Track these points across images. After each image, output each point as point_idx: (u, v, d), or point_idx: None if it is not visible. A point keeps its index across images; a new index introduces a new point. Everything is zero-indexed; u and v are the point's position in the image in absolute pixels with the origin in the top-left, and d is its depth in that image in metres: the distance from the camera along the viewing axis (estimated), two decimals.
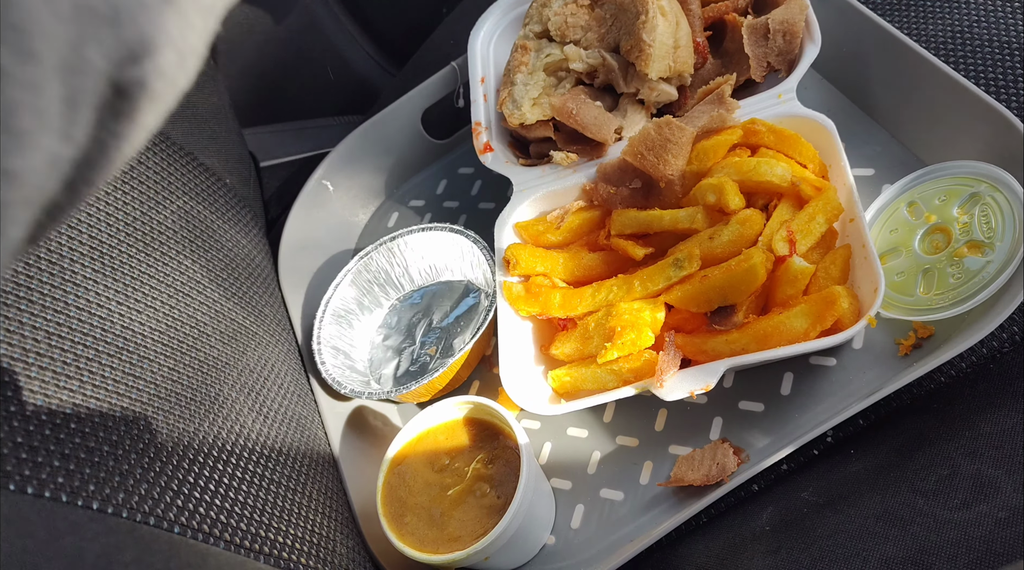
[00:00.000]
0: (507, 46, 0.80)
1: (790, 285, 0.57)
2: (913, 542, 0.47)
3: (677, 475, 0.58)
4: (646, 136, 0.62)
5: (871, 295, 0.54)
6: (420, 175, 0.92)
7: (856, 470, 0.55)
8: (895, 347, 0.58)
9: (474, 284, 0.76)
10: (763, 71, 0.67)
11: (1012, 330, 0.55)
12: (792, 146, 0.61)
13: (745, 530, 0.56)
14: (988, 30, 0.65)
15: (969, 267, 0.56)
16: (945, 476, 0.50)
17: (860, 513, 0.51)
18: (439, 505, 0.59)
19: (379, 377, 0.74)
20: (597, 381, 0.60)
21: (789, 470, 0.58)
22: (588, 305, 0.63)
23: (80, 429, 0.45)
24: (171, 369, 0.55)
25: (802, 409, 0.59)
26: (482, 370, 0.74)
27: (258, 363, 0.65)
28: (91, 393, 0.48)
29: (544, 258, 0.66)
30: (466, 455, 0.61)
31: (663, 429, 0.63)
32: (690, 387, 0.55)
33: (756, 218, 0.58)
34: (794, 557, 0.51)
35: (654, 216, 0.62)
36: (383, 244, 0.78)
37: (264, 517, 0.53)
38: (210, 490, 0.51)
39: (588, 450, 0.65)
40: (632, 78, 0.69)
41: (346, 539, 0.61)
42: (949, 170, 0.60)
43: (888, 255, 0.60)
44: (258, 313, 0.70)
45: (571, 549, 0.61)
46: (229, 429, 0.56)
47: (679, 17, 0.67)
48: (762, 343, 0.55)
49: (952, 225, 0.58)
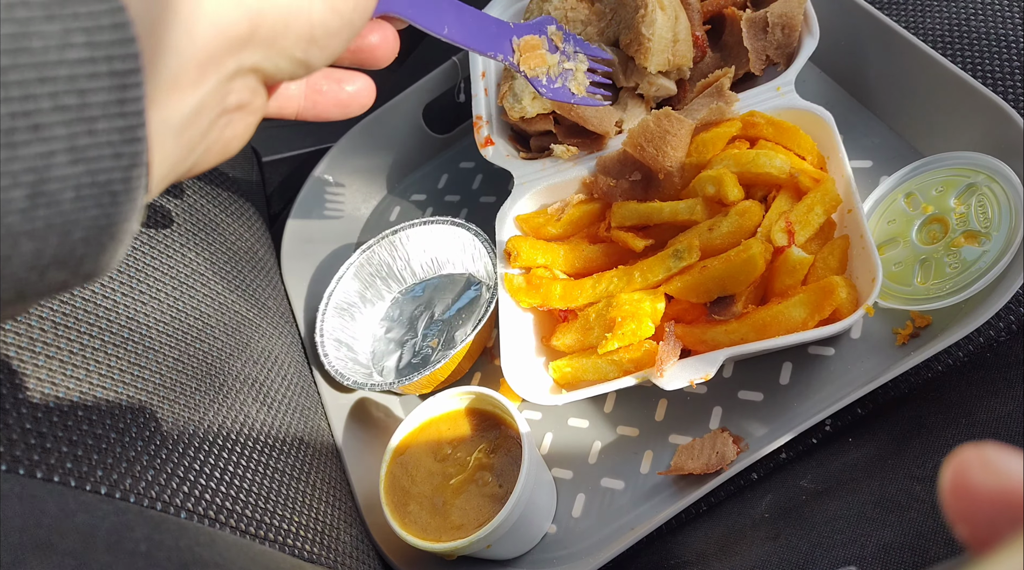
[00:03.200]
0: None
1: (789, 275, 0.57)
2: (910, 528, 0.48)
3: (677, 464, 0.59)
4: (645, 128, 0.62)
5: (869, 285, 0.54)
6: (421, 169, 0.92)
7: (854, 458, 0.56)
8: (893, 336, 0.59)
9: (475, 277, 0.77)
10: (762, 64, 0.68)
11: (1008, 319, 0.56)
12: (791, 138, 0.62)
13: (744, 517, 0.57)
14: (985, 23, 0.66)
15: (966, 257, 0.56)
16: (942, 463, 0.50)
17: (858, 500, 0.52)
18: (441, 494, 0.60)
19: (381, 369, 0.75)
20: (598, 371, 0.61)
21: (788, 458, 0.59)
22: (588, 296, 0.63)
23: (87, 416, 0.46)
24: (176, 359, 0.56)
25: (801, 398, 0.59)
26: (484, 362, 0.74)
27: (262, 354, 0.65)
28: (97, 382, 0.49)
29: (545, 250, 0.67)
30: (468, 445, 0.62)
31: (663, 419, 0.63)
32: (690, 377, 0.55)
33: (755, 209, 0.59)
34: (793, 543, 0.52)
35: (654, 208, 0.63)
36: (385, 238, 0.78)
37: (269, 505, 0.54)
38: (215, 477, 0.51)
39: (589, 440, 0.65)
40: (632, 72, 0.69)
41: (350, 527, 0.61)
42: (946, 161, 0.60)
43: (886, 245, 0.61)
44: (261, 305, 0.71)
45: (572, 537, 0.62)
46: (234, 419, 0.57)
47: (678, 11, 0.67)
48: (761, 333, 0.56)
49: (949, 215, 0.59)
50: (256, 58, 0.29)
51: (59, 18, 0.21)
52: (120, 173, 0.24)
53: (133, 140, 0.24)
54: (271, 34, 0.29)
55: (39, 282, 0.24)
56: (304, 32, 0.30)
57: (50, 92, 0.21)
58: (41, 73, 0.21)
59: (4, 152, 0.21)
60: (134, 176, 0.24)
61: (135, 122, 0.24)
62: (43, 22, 0.21)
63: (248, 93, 0.31)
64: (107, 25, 0.22)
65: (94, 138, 0.23)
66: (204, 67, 0.27)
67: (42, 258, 0.23)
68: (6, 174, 0.21)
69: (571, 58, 0.61)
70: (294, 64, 0.31)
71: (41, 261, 0.23)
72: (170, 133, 0.27)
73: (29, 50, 0.21)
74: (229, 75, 0.28)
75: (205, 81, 0.27)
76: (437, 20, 0.49)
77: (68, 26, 0.21)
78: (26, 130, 0.21)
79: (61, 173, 0.22)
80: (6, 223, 0.21)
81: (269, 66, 0.30)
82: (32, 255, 0.23)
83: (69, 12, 0.21)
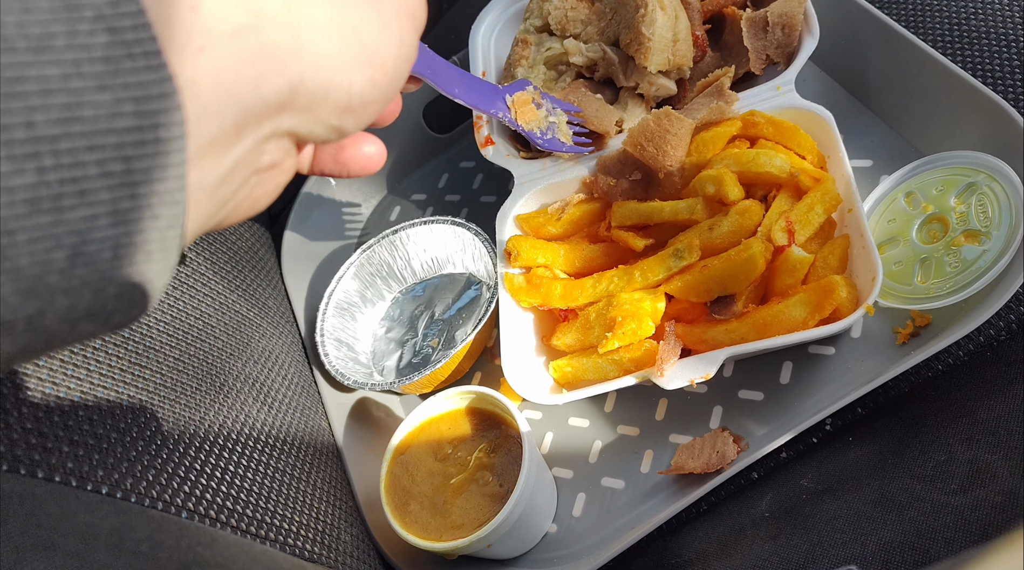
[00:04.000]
0: (508, 40, 0.81)
1: (789, 275, 0.57)
2: (911, 527, 0.48)
3: (677, 463, 0.59)
4: (646, 127, 0.62)
5: (869, 284, 0.54)
6: (422, 169, 0.92)
7: (854, 457, 0.56)
8: (893, 336, 0.59)
9: (476, 276, 0.77)
10: (762, 64, 0.68)
11: (1009, 318, 0.56)
12: (791, 137, 0.62)
13: (745, 517, 0.57)
14: (985, 22, 0.66)
15: (966, 256, 0.56)
16: (942, 462, 0.51)
17: (859, 499, 0.52)
18: (442, 494, 0.60)
19: (382, 369, 0.75)
20: (598, 371, 0.61)
21: (788, 458, 0.59)
22: (589, 296, 0.63)
23: (88, 416, 0.46)
24: (176, 359, 0.56)
25: (801, 397, 0.59)
26: (484, 361, 0.74)
27: (262, 354, 0.65)
28: (98, 382, 0.49)
29: (545, 250, 0.67)
30: (469, 444, 0.62)
31: (663, 418, 0.63)
32: (690, 376, 0.56)
33: (755, 209, 0.59)
34: (793, 542, 0.52)
35: (654, 207, 0.63)
36: (385, 237, 0.78)
37: (270, 504, 0.54)
38: (216, 477, 0.51)
39: (589, 439, 0.65)
40: (632, 72, 0.69)
41: (350, 527, 0.61)
42: (946, 160, 0.60)
43: (886, 245, 0.61)
44: (262, 305, 0.71)
45: (573, 537, 0.62)
46: (234, 419, 0.57)
47: (678, 11, 0.67)
48: (761, 332, 0.56)
49: (949, 215, 0.59)
50: (292, 122, 0.30)
51: (111, 88, 0.22)
52: (157, 233, 0.24)
53: (172, 202, 0.24)
54: (310, 102, 0.29)
55: (68, 333, 0.24)
56: (342, 102, 0.31)
57: (98, 159, 0.22)
58: (91, 141, 0.22)
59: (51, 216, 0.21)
60: (170, 236, 0.25)
61: (175, 186, 0.24)
62: (95, 92, 0.21)
63: (281, 153, 0.31)
64: (155, 95, 0.23)
65: (135, 202, 0.23)
66: (242, 129, 0.28)
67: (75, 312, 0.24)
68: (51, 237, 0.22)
69: (551, 113, 0.68)
70: (328, 130, 0.31)
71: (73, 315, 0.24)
72: (205, 192, 0.27)
73: (81, 119, 0.21)
74: (265, 137, 0.29)
75: (242, 142, 0.28)
76: (449, 83, 0.57)
77: (119, 96, 0.22)
78: (73, 195, 0.22)
79: (102, 235, 0.23)
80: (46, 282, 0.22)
81: (304, 130, 0.31)
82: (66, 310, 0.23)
83: (120, 82, 0.22)
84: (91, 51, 0.21)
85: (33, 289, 0.22)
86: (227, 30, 0.26)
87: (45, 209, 0.21)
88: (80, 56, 0.21)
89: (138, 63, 0.22)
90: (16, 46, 0.20)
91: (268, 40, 0.27)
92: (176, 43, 0.24)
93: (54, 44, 0.21)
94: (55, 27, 0.21)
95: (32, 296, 0.22)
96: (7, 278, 0.21)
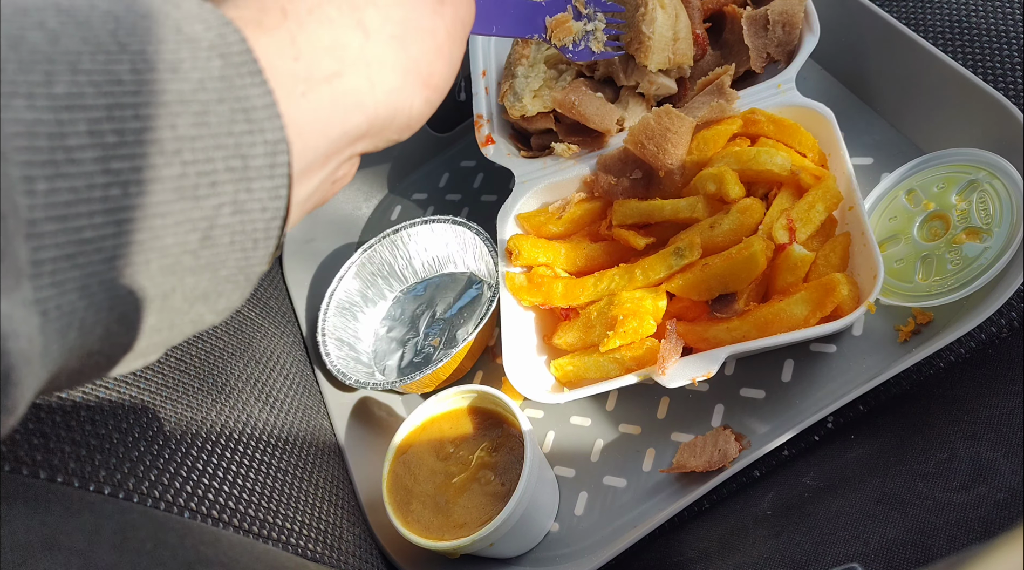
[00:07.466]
0: (507, 40, 0.81)
1: (790, 273, 0.57)
2: (913, 524, 0.48)
3: (679, 462, 0.59)
4: (646, 126, 0.62)
5: (870, 282, 0.54)
6: (422, 169, 0.92)
7: (856, 455, 0.56)
8: (894, 333, 0.59)
9: (477, 275, 0.77)
10: (762, 62, 0.68)
11: (1010, 316, 0.56)
12: (791, 135, 0.62)
13: (747, 515, 0.57)
14: (986, 19, 0.66)
15: (967, 254, 0.56)
16: (944, 459, 0.51)
17: (861, 497, 0.52)
18: (444, 493, 0.60)
19: (383, 368, 0.75)
20: (599, 370, 0.61)
21: (790, 456, 0.59)
22: (590, 295, 0.63)
23: (90, 417, 0.46)
24: (178, 359, 0.56)
25: (803, 395, 0.59)
26: (485, 360, 0.74)
27: (264, 354, 0.66)
28: (100, 382, 0.49)
29: (546, 249, 0.67)
30: (470, 443, 0.62)
31: (665, 417, 0.63)
32: (692, 374, 0.56)
33: (756, 207, 0.59)
34: (796, 540, 0.52)
35: (655, 206, 0.63)
36: (386, 237, 0.78)
37: (272, 504, 0.54)
38: (218, 477, 0.51)
39: (591, 438, 0.65)
40: (632, 70, 0.69)
41: (352, 526, 0.61)
42: (947, 158, 0.60)
43: (887, 242, 0.61)
44: (263, 305, 0.71)
45: (575, 535, 0.62)
46: (236, 418, 0.57)
47: (678, 9, 0.67)
48: (763, 330, 0.56)
49: (950, 212, 0.59)
50: (365, 145, 0.36)
51: (227, 101, 0.27)
52: (263, 224, 0.29)
53: (277, 197, 0.29)
54: (380, 128, 0.35)
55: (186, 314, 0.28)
56: (404, 123, 0.36)
57: (223, 156, 0.27)
58: (217, 142, 0.27)
59: (191, 202, 0.26)
60: (273, 227, 0.29)
61: (281, 183, 0.29)
62: (216, 103, 0.27)
63: (349, 166, 0.37)
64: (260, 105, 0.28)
65: (251, 194, 0.28)
66: (329, 158, 0.33)
67: (195, 291, 0.28)
68: (189, 221, 0.26)
69: (591, 19, 0.66)
70: (389, 143, 0.37)
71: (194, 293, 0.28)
72: (297, 205, 0.33)
73: (208, 124, 0.26)
74: (344, 160, 0.35)
75: (327, 166, 0.34)
76: (487, 24, 0.56)
77: (234, 107, 0.27)
78: (207, 186, 0.26)
79: (225, 221, 0.27)
80: (181, 262, 0.26)
81: (371, 148, 0.36)
82: (191, 288, 0.27)
83: (233, 96, 0.27)
84: (210, 71, 0.27)
85: (172, 267, 0.26)
86: (321, 77, 0.31)
87: (187, 196, 0.26)
88: (203, 75, 0.27)
89: (245, 80, 0.28)
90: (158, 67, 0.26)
91: (350, 85, 0.32)
92: (284, 88, 0.30)
93: (183, 67, 0.26)
94: (182, 54, 0.26)
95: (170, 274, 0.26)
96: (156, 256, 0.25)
